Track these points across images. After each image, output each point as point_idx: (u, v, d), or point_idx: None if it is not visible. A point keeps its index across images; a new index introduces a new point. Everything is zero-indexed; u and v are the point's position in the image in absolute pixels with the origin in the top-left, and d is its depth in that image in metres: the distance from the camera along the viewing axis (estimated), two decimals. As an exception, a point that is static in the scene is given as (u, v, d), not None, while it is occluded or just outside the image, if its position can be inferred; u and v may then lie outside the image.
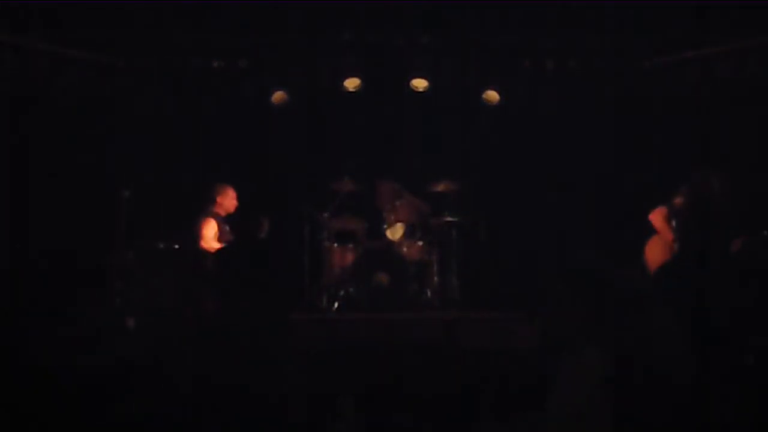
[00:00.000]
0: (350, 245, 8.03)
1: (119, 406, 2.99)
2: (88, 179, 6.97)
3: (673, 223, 6.05)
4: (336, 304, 7.77)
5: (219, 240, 7.12)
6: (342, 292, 7.82)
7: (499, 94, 8.21)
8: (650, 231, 6.23)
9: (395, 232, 8.06)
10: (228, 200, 7.30)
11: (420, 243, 7.99)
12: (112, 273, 6.75)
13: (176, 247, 7.51)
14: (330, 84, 8.23)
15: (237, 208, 7.28)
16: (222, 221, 7.23)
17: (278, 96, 8.20)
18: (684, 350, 3.15)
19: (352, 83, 8.17)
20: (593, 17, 7.41)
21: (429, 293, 7.91)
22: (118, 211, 6.70)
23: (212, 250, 6.91)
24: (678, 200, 6.03)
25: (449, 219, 8.01)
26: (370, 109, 8.57)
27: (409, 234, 8.04)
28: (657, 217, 6.12)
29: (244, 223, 6.34)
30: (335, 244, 8.01)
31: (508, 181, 8.48)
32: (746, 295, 3.93)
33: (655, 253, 6.29)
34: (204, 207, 7.22)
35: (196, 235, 7.05)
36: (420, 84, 8.21)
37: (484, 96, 8.23)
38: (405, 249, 7.97)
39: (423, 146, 8.67)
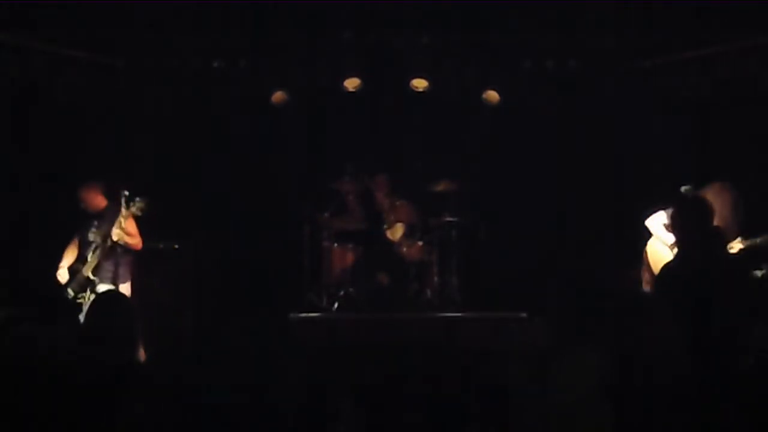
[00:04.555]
0: (350, 245, 8.04)
1: (118, 406, 2.99)
2: (88, 179, 6.95)
3: (671, 229, 6.01)
4: (336, 304, 7.77)
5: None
6: (342, 292, 7.83)
7: (499, 94, 8.21)
8: (650, 233, 6.22)
9: (395, 232, 8.07)
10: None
11: (420, 243, 8.00)
12: (113, 272, 6.73)
13: (176, 247, 7.52)
14: (330, 84, 8.23)
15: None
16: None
17: (278, 96, 8.20)
18: (684, 351, 3.15)
19: (352, 83, 8.18)
20: (593, 17, 7.41)
21: (429, 293, 7.91)
22: (118, 211, 6.68)
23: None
24: (675, 213, 5.96)
25: (449, 219, 8.01)
26: (370, 109, 8.57)
27: (409, 234, 8.04)
28: (654, 223, 6.11)
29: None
30: (335, 244, 8.02)
31: (508, 181, 8.48)
32: (747, 296, 3.93)
33: (656, 255, 6.28)
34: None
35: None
36: (420, 84, 8.21)
37: (484, 96, 8.23)
38: (405, 249, 7.98)
39: (423, 146, 8.68)
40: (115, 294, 5.67)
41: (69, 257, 6.59)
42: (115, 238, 6.34)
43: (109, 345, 3.27)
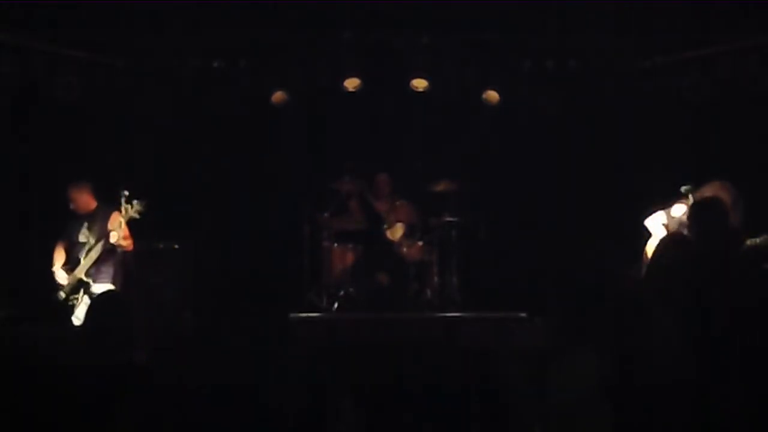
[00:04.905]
0: (350, 245, 8.04)
1: (118, 406, 2.99)
2: (88, 179, 6.96)
3: (671, 228, 6.01)
4: (336, 304, 7.77)
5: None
6: (342, 292, 7.83)
7: (499, 94, 8.20)
8: (650, 233, 6.22)
9: (395, 232, 8.07)
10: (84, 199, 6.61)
11: (420, 243, 8.00)
12: (113, 273, 6.74)
13: (176, 247, 7.52)
14: (330, 84, 8.23)
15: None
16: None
17: (278, 96, 8.19)
18: (684, 351, 3.15)
19: (352, 83, 8.17)
20: (593, 17, 7.40)
21: (429, 293, 7.91)
22: (118, 211, 6.68)
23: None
24: (684, 214, 5.94)
25: (449, 219, 8.01)
26: (370, 109, 8.57)
27: (409, 234, 8.04)
28: (654, 223, 6.10)
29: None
30: (335, 244, 8.02)
31: (508, 181, 8.48)
32: (748, 295, 3.92)
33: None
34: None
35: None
36: (420, 84, 8.20)
37: (484, 96, 8.23)
38: (405, 249, 7.98)
39: (423, 146, 8.68)
40: (114, 294, 5.67)
41: (59, 260, 6.57)
42: (113, 240, 6.33)
43: (109, 344, 3.27)
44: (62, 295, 6.39)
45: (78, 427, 3.01)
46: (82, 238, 6.50)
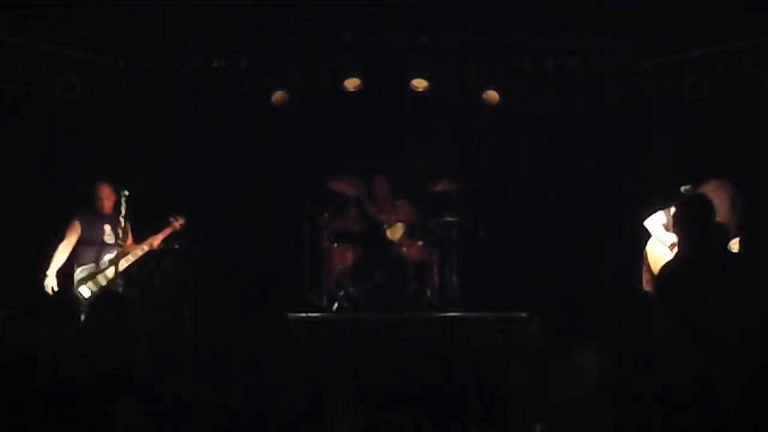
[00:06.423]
0: (350, 245, 8.04)
1: (118, 406, 2.99)
2: (88, 179, 6.96)
3: (672, 228, 6.00)
4: (336, 304, 7.77)
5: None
6: (342, 292, 7.83)
7: (499, 94, 8.20)
8: (650, 233, 6.22)
9: (395, 232, 8.07)
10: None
11: (420, 243, 8.00)
12: (113, 273, 6.74)
13: (176, 247, 7.52)
14: (330, 84, 8.22)
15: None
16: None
17: (278, 96, 8.19)
18: (685, 351, 3.15)
19: (352, 83, 8.16)
20: (593, 17, 7.40)
21: (429, 293, 7.91)
22: (118, 211, 6.69)
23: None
24: (678, 211, 5.94)
25: (449, 219, 8.01)
26: (370, 109, 8.57)
27: (409, 234, 8.04)
28: (654, 223, 6.09)
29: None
30: (335, 244, 8.02)
31: (508, 181, 8.48)
32: (748, 295, 3.92)
33: (656, 255, 6.27)
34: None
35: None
36: (420, 84, 8.19)
37: (484, 96, 8.22)
38: (405, 249, 7.98)
39: (423, 146, 8.68)
40: (115, 294, 5.69)
41: (65, 251, 6.59)
42: (156, 245, 6.45)
43: (109, 344, 3.27)
44: (87, 292, 6.44)
45: (77, 428, 3.01)
46: (108, 240, 6.58)
